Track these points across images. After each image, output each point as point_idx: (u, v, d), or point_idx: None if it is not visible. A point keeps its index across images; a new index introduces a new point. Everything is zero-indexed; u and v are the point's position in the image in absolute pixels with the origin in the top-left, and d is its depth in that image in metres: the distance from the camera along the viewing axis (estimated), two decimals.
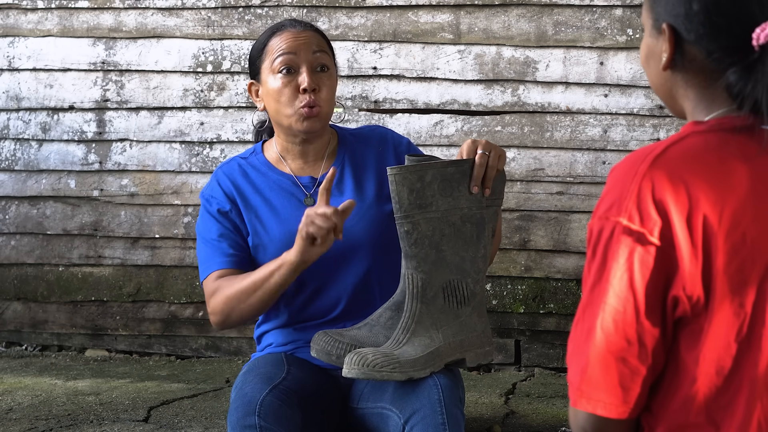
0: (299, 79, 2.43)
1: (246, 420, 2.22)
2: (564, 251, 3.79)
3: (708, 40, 1.42)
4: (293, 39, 2.46)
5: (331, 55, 2.51)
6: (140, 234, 4.05)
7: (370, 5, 3.86)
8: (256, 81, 2.51)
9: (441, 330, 2.29)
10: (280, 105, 2.45)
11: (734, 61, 1.41)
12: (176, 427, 2.99)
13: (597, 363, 1.37)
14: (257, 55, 2.50)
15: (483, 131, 3.82)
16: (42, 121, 4.09)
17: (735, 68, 1.40)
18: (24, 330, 4.17)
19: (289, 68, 2.44)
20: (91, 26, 4.05)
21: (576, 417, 1.41)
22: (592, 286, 1.39)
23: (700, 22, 1.42)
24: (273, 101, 2.46)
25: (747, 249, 1.35)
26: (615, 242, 1.36)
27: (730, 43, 1.41)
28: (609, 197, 1.39)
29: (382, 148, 2.55)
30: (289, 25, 2.49)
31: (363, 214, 2.47)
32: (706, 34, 1.42)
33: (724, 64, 1.42)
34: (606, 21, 3.75)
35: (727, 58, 1.41)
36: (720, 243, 1.34)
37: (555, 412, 3.17)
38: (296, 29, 2.48)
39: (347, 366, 2.20)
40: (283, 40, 2.45)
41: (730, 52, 1.41)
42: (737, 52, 1.40)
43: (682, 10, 1.43)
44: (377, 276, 2.47)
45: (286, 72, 2.44)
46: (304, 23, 2.52)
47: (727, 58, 1.41)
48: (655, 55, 1.50)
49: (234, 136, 3.96)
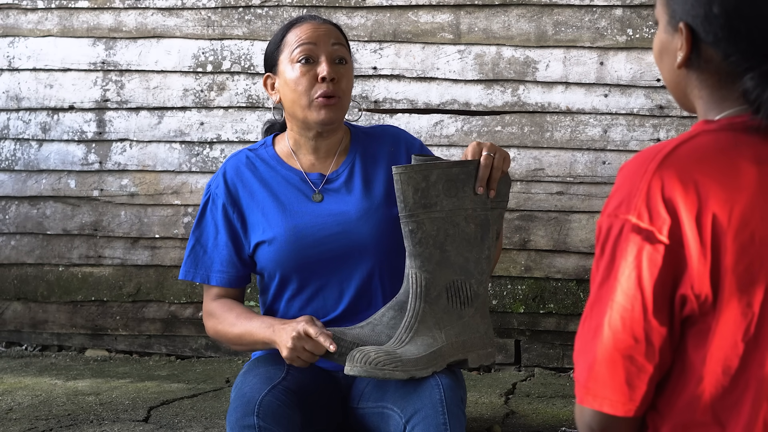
0: (318, 69, 2.43)
1: (245, 420, 2.22)
2: (564, 251, 3.80)
3: (726, 44, 1.42)
4: (313, 30, 2.45)
5: (348, 50, 2.51)
6: (140, 234, 4.05)
7: (370, 5, 3.87)
8: (273, 73, 2.50)
9: (444, 330, 2.29)
10: (297, 94, 2.43)
11: (751, 66, 1.41)
12: (176, 427, 2.99)
13: (604, 360, 1.37)
14: (274, 48, 2.49)
15: (483, 131, 3.82)
16: (42, 121, 4.09)
17: (752, 74, 1.40)
18: (24, 330, 4.17)
19: (308, 58, 2.43)
20: (91, 26, 4.05)
21: (582, 414, 1.41)
22: (601, 284, 1.39)
23: (720, 25, 1.42)
24: (290, 91, 2.45)
25: (755, 248, 1.35)
26: (624, 240, 1.36)
27: (749, 48, 1.41)
28: (618, 195, 1.39)
29: (395, 149, 2.54)
30: (308, 18, 2.49)
31: (370, 215, 2.46)
32: (724, 37, 1.42)
33: (741, 67, 1.42)
34: (606, 21, 3.75)
35: (744, 62, 1.41)
36: (729, 242, 1.34)
37: (555, 412, 3.17)
38: (316, 22, 2.48)
39: (350, 364, 2.20)
40: (303, 31, 2.45)
41: (748, 57, 1.41)
42: (755, 56, 1.41)
43: (702, 12, 1.43)
44: (381, 278, 2.47)
45: (305, 62, 2.43)
46: (322, 18, 2.52)
47: (744, 61, 1.42)
48: (669, 52, 1.50)
49: (234, 136, 3.96)
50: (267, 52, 2.52)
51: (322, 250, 2.43)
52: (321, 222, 2.44)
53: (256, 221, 2.48)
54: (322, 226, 2.44)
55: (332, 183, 2.49)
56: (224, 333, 2.48)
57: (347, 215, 2.45)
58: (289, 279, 2.47)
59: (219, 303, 2.51)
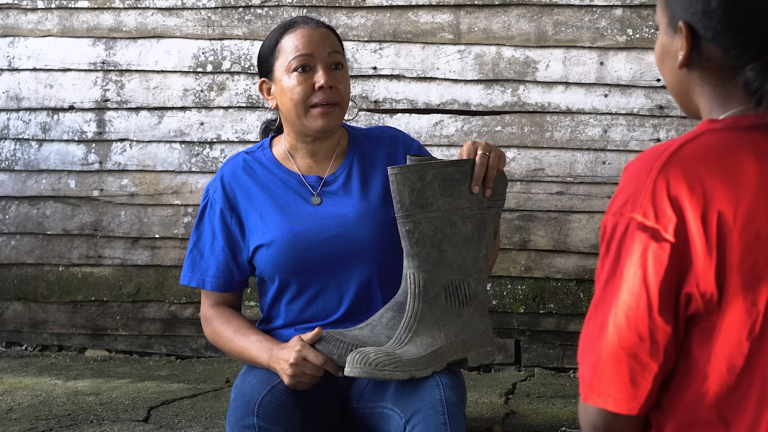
0: (316, 77, 2.42)
1: (245, 420, 2.22)
2: (564, 251, 3.80)
3: (726, 38, 1.42)
4: (308, 38, 2.44)
5: (343, 54, 2.50)
6: (140, 234, 4.04)
7: (370, 5, 3.87)
8: (268, 79, 2.49)
9: (443, 330, 2.29)
10: (294, 103, 2.43)
11: (752, 58, 1.41)
12: (176, 427, 2.99)
13: (609, 358, 1.37)
14: (269, 53, 2.47)
15: (483, 131, 3.82)
16: (42, 121, 4.09)
17: (753, 65, 1.41)
18: (24, 330, 4.16)
19: (305, 66, 2.42)
20: (91, 26, 4.05)
21: (586, 412, 1.41)
22: (606, 282, 1.39)
23: (719, 19, 1.42)
24: (287, 99, 2.44)
25: (761, 247, 1.35)
26: (629, 238, 1.36)
27: (749, 40, 1.41)
28: (623, 193, 1.39)
29: (392, 150, 2.54)
30: (301, 22, 2.47)
31: (368, 217, 2.45)
32: (724, 31, 1.42)
33: (742, 61, 1.42)
34: (606, 21, 3.75)
35: (745, 54, 1.42)
36: (734, 241, 1.34)
37: (555, 412, 3.17)
38: (309, 27, 2.46)
39: (349, 365, 2.20)
40: (299, 39, 2.43)
41: (748, 49, 1.41)
42: (755, 48, 1.41)
43: (700, 8, 1.43)
44: (380, 280, 2.46)
45: (301, 70, 2.42)
46: (315, 20, 2.51)
47: (744, 55, 1.42)
48: (670, 54, 1.50)
49: (234, 136, 3.96)
50: (261, 57, 2.51)
51: (321, 253, 2.43)
52: (319, 225, 2.44)
53: (255, 225, 2.47)
54: (320, 228, 2.44)
55: (330, 186, 2.49)
56: (222, 346, 2.50)
57: (345, 218, 2.45)
58: (288, 282, 2.47)
59: (216, 312, 2.51)
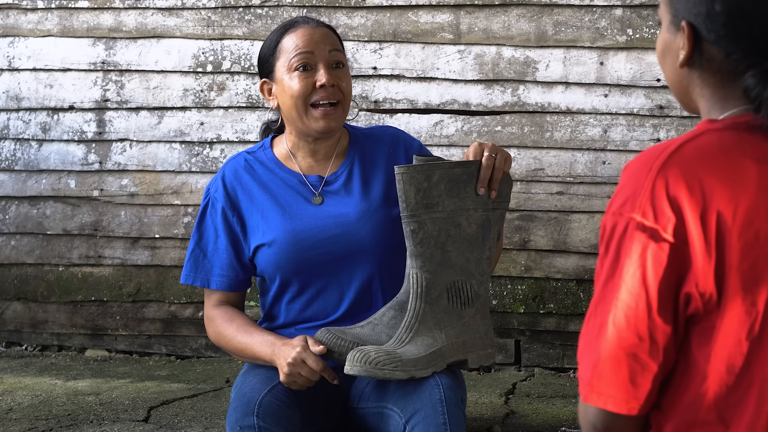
0: (317, 76, 2.42)
1: (245, 420, 2.22)
2: (564, 251, 3.80)
3: (728, 42, 1.42)
4: (309, 37, 2.44)
5: (344, 52, 2.50)
6: (140, 234, 4.04)
7: (370, 5, 3.87)
8: (269, 79, 2.49)
9: (444, 330, 2.29)
10: (296, 102, 2.43)
11: (753, 63, 1.41)
12: (176, 427, 2.99)
13: (608, 358, 1.37)
14: (269, 53, 2.48)
15: (483, 131, 3.82)
16: (42, 121, 4.09)
17: (753, 71, 1.41)
18: (24, 330, 4.16)
19: (306, 65, 2.43)
20: (91, 26, 4.05)
21: (586, 412, 1.41)
22: (605, 282, 1.39)
23: (722, 23, 1.42)
24: (288, 98, 2.43)
25: (760, 247, 1.35)
26: (628, 238, 1.36)
27: (751, 46, 1.41)
28: (623, 193, 1.39)
29: (393, 150, 2.54)
30: (302, 22, 2.48)
31: (369, 216, 2.46)
32: (726, 35, 1.42)
33: (743, 65, 1.42)
34: (606, 21, 3.75)
35: (746, 60, 1.42)
36: (733, 241, 1.34)
37: (555, 412, 3.17)
38: (309, 26, 2.46)
39: (350, 363, 2.20)
40: (299, 38, 2.43)
41: (750, 55, 1.41)
42: (756, 54, 1.41)
43: (704, 10, 1.43)
44: (381, 279, 2.46)
45: (302, 69, 2.42)
46: (316, 20, 2.51)
47: (746, 60, 1.42)
48: (671, 52, 1.50)
49: (234, 136, 3.96)
50: (261, 57, 2.51)
51: (322, 253, 2.43)
52: (320, 224, 2.44)
53: (256, 224, 2.47)
54: (321, 228, 2.44)
55: (331, 185, 2.49)
56: (225, 344, 2.49)
57: (346, 217, 2.45)
58: (290, 281, 2.47)
59: (220, 312, 2.51)
